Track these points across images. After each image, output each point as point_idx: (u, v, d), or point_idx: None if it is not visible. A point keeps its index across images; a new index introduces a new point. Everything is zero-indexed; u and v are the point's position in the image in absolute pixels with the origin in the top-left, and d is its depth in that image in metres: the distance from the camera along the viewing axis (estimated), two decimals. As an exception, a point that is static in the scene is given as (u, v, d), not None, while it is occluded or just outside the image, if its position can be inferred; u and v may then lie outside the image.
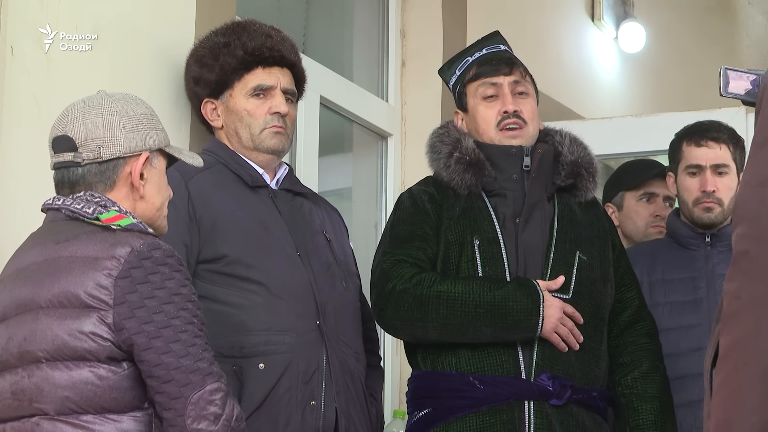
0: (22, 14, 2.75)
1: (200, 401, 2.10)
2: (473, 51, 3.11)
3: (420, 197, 2.97)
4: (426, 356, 2.89)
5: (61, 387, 2.11)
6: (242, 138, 2.92)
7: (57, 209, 2.25)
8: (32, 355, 2.14)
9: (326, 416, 2.74)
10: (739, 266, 1.45)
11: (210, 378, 2.12)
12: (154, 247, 2.15)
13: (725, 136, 3.41)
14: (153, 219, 2.31)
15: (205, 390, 2.11)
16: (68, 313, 2.12)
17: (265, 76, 2.94)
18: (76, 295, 2.12)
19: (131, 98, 2.31)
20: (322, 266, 2.86)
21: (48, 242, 2.21)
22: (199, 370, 2.11)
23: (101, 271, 2.12)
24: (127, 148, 2.25)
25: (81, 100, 2.29)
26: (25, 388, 2.14)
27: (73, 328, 2.12)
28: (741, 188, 1.50)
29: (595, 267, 2.94)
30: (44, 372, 2.13)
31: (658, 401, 2.93)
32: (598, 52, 5.81)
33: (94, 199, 2.22)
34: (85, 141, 2.24)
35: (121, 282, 2.11)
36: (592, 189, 3.04)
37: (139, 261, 2.13)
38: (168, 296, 2.13)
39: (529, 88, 3.04)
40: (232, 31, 2.99)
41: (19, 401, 2.15)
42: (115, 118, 2.25)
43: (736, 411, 1.41)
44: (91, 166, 2.24)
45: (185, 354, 2.11)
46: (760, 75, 2.01)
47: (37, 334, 2.14)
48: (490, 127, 2.99)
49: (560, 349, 2.82)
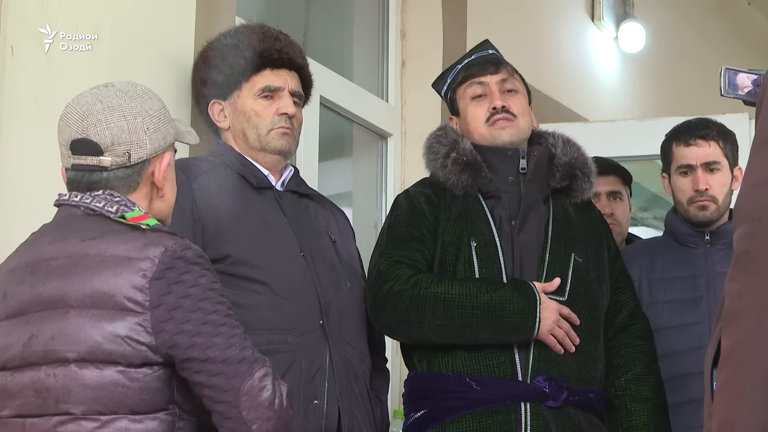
0: (22, 14, 2.75)
1: (252, 390, 2.10)
2: (463, 59, 3.14)
3: (417, 198, 2.97)
4: (422, 357, 2.90)
5: (91, 388, 2.10)
6: (249, 139, 2.92)
7: (74, 206, 2.22)
8: (59, 354, 2.12)
9: (329, 416, 2.74)
10: (741, 266, 1.45)
11: (256, 365, 2.12)
12: (185, 247, 2.15)
13: (714, 132, 3.41)
14: (167, 215, 2.32)
15: (254, 378, 2.11)
16: (102, 315, 2.10)
17: (274, 77, 2.94)
18: (111, 297, 2.10)
19: (145, 93, 2.28)
20: (326, 267, 2.87)
21: (70, 238, 2.18)
22: (245, 359, 2.12)
23: (136, 272, 2.11)
24: (153, 150, 2.25)
25: (95, 99, 2.24)
26: (50, 386, 2.12)
27: (108, 331, 2.10)
28: (742, 189, 1.50)
29: (591, 269, 2.95)
30: (72, 372, 2.11)
31: (651, 403, 2.94)
32: (598, 52, 5.81)
33: (114, 198, 2.21)
34: (111, 146, 2.21)
35: (156, 283, 2.10)
36: (588, 189, 3.04)
37: (173, 261, 2.12)
38: (202, 293, 2.13)
39: (517, 86, 3.05)
40: (241, 34, 3.00)
41: (44, 399, 2.12)
42: (138, 120, 2.23)
43: (739, 411, 1.41)
44: (117, 171, 2.22)
45: (229, 345, 2.12)
46: (761, 75, 2.01)
47: (67, 334, 2.11)
48: (480, 125, 3.00)
49: (556, 351, 2.83)
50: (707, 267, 3.38)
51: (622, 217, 3.98)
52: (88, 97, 2.26)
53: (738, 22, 7.13)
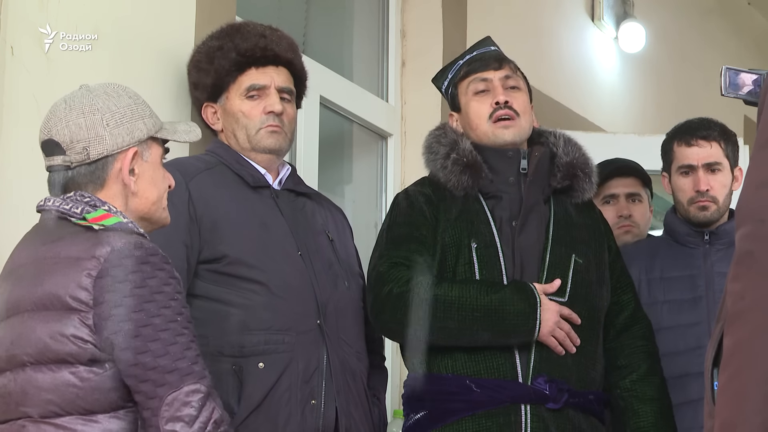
0: (22, 14, 2.75)
1: (175, 402, 2.06)
2: (464, 55, 3.13)
3: (416, 198, 2.96)
4: (422, 359, 2.88)
5: (45, 390, 2.10)
6: (240, 139, 2.93)
7: (48, 210, 2.24)
8: (18, 358, 2.13)
9: (326, 415, 2.73)
10: (743, 267, 1.45)
11: (189, 378, 2.08)
12: (136, 246, 2.12)
13: (715, 133, 3.41)
14: (150, 213, 2.29)
15: (181, 391, 2.07)
16: (51, 316, 2.11)
17: (259, 75, 2.94)
18: (58, 297, 2.11)
19: (113, 90, 2.28)
20: (323, 266, 2.86)
21: (36, 243, 2.21)
22: (177, 370, 2.08)
23: (81, 271, 2.10)
24: (114, 145, 2.23)
25: (63, 100, 2.27)
26: (11, 391, 2.13)
27: (54, 331, 2.10)
28: (744, 189, 1.50)
29: (591, 270, 2.94)
30: (28, 375, 2.12)
31: (657, 403, 2.93)
32: (598, 52, 5.81)
33: (83, 198, 2.21)
34: (71, 143, 2.22)
35: (100, 282, 2.09)
36: (589, 190, 3.03)
37: (119, 260, 2.10)
38: (149, 294, 2.09)
39: (520, 83, 3.04)
40: (226, 34, 3.00)
41: (6, 404, 2.14)
42: (96, 116, 2.23)
43: (741, 411, 1.41)
44: (80, 168, 2.23)
45: (163, 353, 2.07)
46: (762, 75, 2.02)
47: (22, 338, 2.13)
48: (482, 121, 2.98)
49: (557, 352, 2.82)
50: (706, 267, 3.38)
51: (640, 219, 3.91)
52: (60, 99, 2.29)
53: (738, 22, 7.12)
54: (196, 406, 2.07)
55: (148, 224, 2.30)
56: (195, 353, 2.12)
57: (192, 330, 2.15)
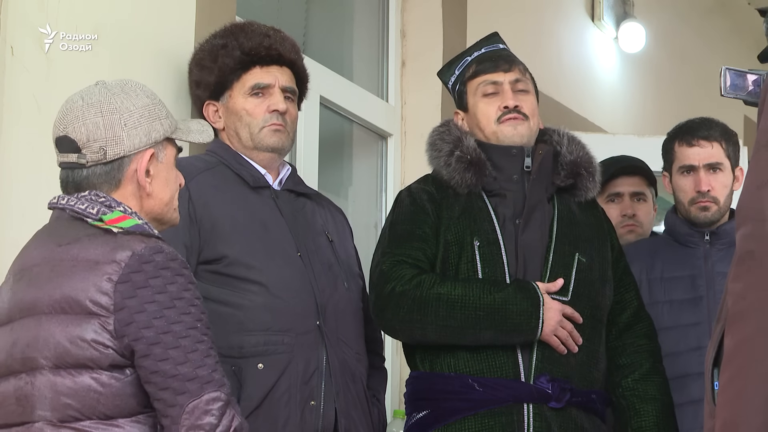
0: (22, 14, 2.75)
1: (195, 410, 2.05)
2: (472, 51, 3.11)
3: (419, 196, 2.96)
4: (425, 358, 2.89)
5: (64, 394, 2.08)
6: (242, 138, 2.92)
7: (62, 208, 2.21)
8: (35, 361, 2.11)
9: (325, 416, 2.73)
10: (744, 267, 1.45)
11: (209, 387, 2.07)
12: (156, 251, 2.11)
13: (717, 133, 3.40)
14: (163, 213, 2.28)
15: (201, 399, 2.05)
16: (70, 320, 2.09)
17: (263, 74, 2.94)
18: (77, 301, 2.09)
19: (131, 89, 2.25)
20: (323, 266, 2.86)
21: (50, 243, 2.18)
22: (197, 378, 2.06)
23: (102, 276, 2.09)
24: (131, 146, 2.21)
25: (79, 96, 2.24)
26: (28, 394, 2.11)
27: (74, 336, 2.08)
28: (744, 189, 1.50)
29: (594, 268, 2.94)
30: (47, 378, 2.10)
31: (659, 402, 2.93)
32: (598, 52, 5.81)
33: (99, 198, 2.19)
34: (87, 142, 2.19)
35: (121, 287, 2.08)
36: (592, 189, 3.03)
37: (140, 265, 2.09)
38: (169, 300, 2.08)
39: (529, 86, 3.03)
40: (230, 33, 3.00)
41: (23, 407, 2.12)
42: (115, 116, 2.20)
43: (742, 411, 1.41)
44: (95, 168, 2.20)
45: (184, 361, 2.06)
46: (762, 75, 2.01)
47: (39, 341, 2.11)
48: (490, 123, 2.98)
49: (559, 351, 2.82)
50: (707, 267, 3.38)
51: (644, 218, 3.88)
52: (76, 95, 2.25)
53: (738, 22, 7.12)
54: (217, 414, 2.06)
55: (159, 225, 2.29)
56: (214, 360, 2.11)
57: (211, 336, 2.13)
